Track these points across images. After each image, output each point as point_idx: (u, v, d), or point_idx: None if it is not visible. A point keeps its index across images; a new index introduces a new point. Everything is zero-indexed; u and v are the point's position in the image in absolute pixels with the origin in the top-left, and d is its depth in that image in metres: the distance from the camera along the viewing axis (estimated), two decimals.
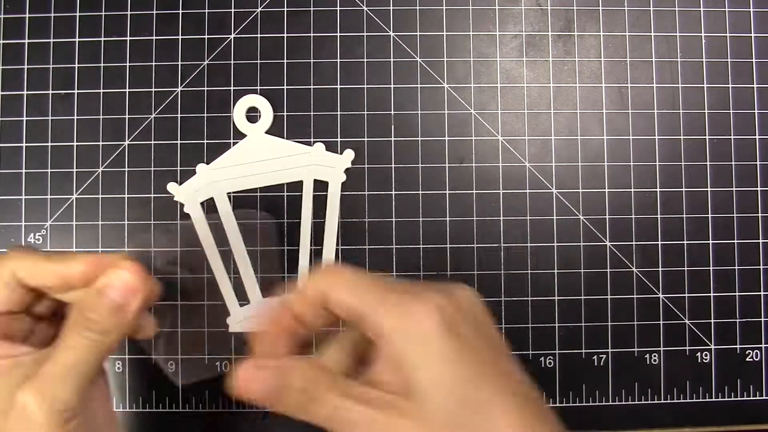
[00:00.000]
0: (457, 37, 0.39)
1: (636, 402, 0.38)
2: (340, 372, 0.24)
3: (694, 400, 0.38)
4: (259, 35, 0.39)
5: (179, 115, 0.38)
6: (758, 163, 0.39)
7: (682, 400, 0.38)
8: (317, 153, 0.38)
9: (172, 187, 0.38)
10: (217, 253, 0.38)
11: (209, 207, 0.38)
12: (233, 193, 0.38)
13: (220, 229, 0.38)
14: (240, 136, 0.38)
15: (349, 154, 0.38)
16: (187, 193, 0.38)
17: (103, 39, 0.39)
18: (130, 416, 0.37)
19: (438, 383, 0.21)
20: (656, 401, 0.38)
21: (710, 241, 0.39)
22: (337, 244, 0.38)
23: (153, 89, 0.39)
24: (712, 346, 0.38)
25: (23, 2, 0.39)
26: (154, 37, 0.39)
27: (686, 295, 0.38)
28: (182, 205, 0.38)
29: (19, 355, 0.25)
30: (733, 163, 0.39)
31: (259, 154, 0.38)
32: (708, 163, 0.39)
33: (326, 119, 0.38)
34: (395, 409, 0.22)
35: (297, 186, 0.38)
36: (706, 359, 0.38)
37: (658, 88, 0.39)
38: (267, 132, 0.38)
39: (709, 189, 0.39)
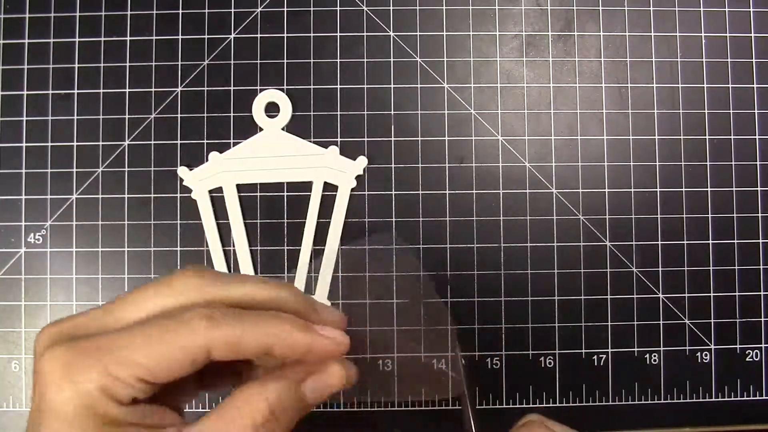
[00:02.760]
0: (457, 37, 0.39)
1: (636, 402, 0.38)
2: None
3: (694, 400, 0.38)
4: (259, 35, 0.39)
5: (179, 115, 0.38)
6: (758, 163, 0.39)
7: (682, 400, 0.38)
8: (331, 156, 0.38)
9: (182, 171, 0.38)
10: (219, 244, 0.38)
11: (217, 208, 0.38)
12: (241, 184, 0.38)
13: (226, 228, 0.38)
14: (240, 136, 0.38)
15: (362, 161, 0.38)
16: (197, 179, 0.38)
17: (103, 39, 0.39)
18: None
19: None
20: (656, 401, 0.38)
21: (710, 241, 0.39)
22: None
23: (153, 89, 0.39)
24: (712, 346, 0.38)
25: (23, 2, 0.39)
26: (154, 37, 0.39)
27: (686, 295, 0.38)
28: (184, 200, 0.38)
29: (167, 425, 0.21)
30: (733, 163, 0.39)
31: (274, 150, 0.38)
32: (708, 163, 0.39)
33: (326, 119, 0.38)
34: None
35: (298, 186, 0.38)
36: (706, 359, 0.38)
37: (658, 88, 0.39)
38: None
39: (709, 189, 0.39)
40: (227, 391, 0.23)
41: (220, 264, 0.38)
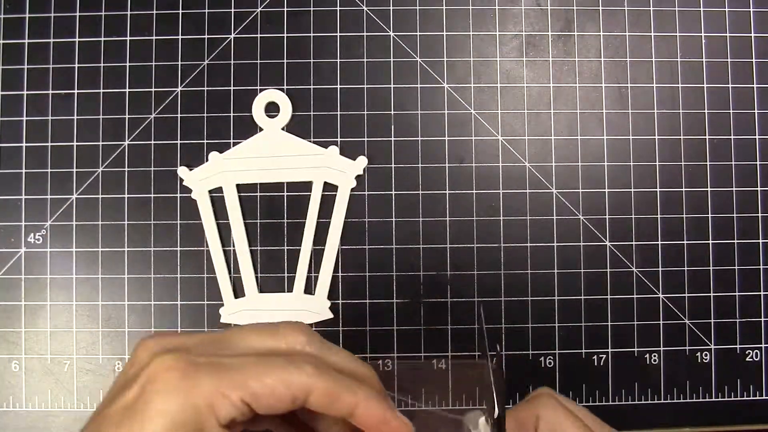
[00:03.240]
0: (457, 37, 0.39)
1: (636, 402, 0.38)
2: None
3: (694, 400, 0.38)
4: (259, 35, 0.39)
5: (179, 115, 0.38)
6: (758, 163, 0.39)
7: (682, 400, 0.38)
8: (331, 156, 0.38)
9: (182, 171, 0.38)
10: (219, 244, 0.38)
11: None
12: (241, 184, 0.38)
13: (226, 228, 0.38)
14: (240, 136, 0.38)
15: (362, 161, 0.38)
16: (197, 180, 0.38)
17: (103, 39, 0.39)
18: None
19: None
20: (656, 401, 0.38)
21: (710, 241, 0.39)
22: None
23: (153, 89, 0.39)
24: (712, 346, 0.38)
25: (23, 2, 0.39)
26: (154, 37, 0.39)
27: (686, 295, 0.38)
28: (184, 200, 0.38)
29: None
30: (733, 163, 0.39)
31: (274, 150, 0.38)
32: (708, 163, 0.39)
33: (326, 119, 0.38)
34: None
35: (299, 186, 0.38)
36: (706, 359, 0.38)
37: (658, 88, 0.39)
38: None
39: (709, 189, 0.39)
40: None
41: (220, 264, 0.38)
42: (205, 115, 0.38)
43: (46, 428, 0.37)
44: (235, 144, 0.38)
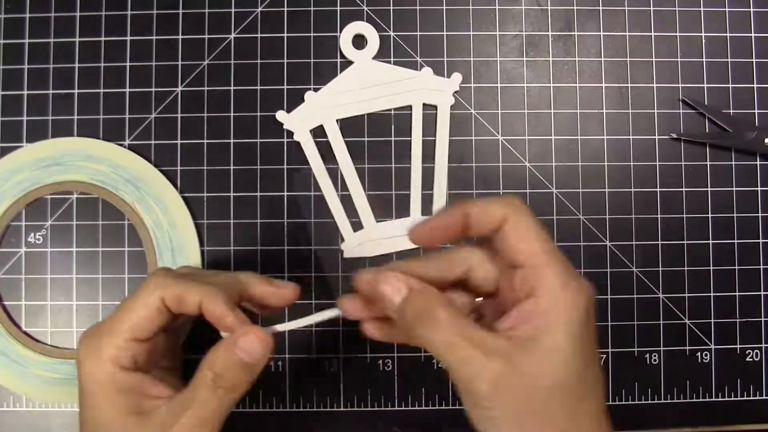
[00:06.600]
0: (457, 37, 0.39)
1: (636, 402, 0.38)
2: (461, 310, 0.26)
3: (694, 400, 0.38)
4: (259, 35, 0.39)
5: (179, 115, 0.38)
6: (758, 163, 0.39)
7: (682, 400, 0.38)
8: (425, 77, 0.38)
9: (281, 115, 0.38)
10: (328, 180, 0.38)
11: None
12: (342, 119, 0.38)
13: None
14: (242, 136, 0.38)
15: (457, 77, 0.38)
16: (297, 121, 0.38)
17: (103, 39, 0.39)
18: None
19: (560, 352, 0.23)
20: (656, 401, 0.38)
21: (710, 241, 0.39)
22: None
23: (153, 89, 0.39)
24: (712, 346, 0.38)
25: (23, 2, 0.39)
26: (154, 37, 0.39)
27: (686, 295, 0.38)
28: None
29: (160, 396, 0.27)
30: (733, 162, 0.39)
31: (367, 80, 0.38)
32: (708, 163, 0.39)
33: None
34: (507, 357, 0.23)
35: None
36: (706, 359, 0.38)
37: (658, 88, 0.39)
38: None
39: (709, 189, 0.39)
40: None
41: (332, 197, 0.38)
42: (205, 115, 0.38)
43: (46, 428, 0.37)
44: (236, 143, 0.38)
